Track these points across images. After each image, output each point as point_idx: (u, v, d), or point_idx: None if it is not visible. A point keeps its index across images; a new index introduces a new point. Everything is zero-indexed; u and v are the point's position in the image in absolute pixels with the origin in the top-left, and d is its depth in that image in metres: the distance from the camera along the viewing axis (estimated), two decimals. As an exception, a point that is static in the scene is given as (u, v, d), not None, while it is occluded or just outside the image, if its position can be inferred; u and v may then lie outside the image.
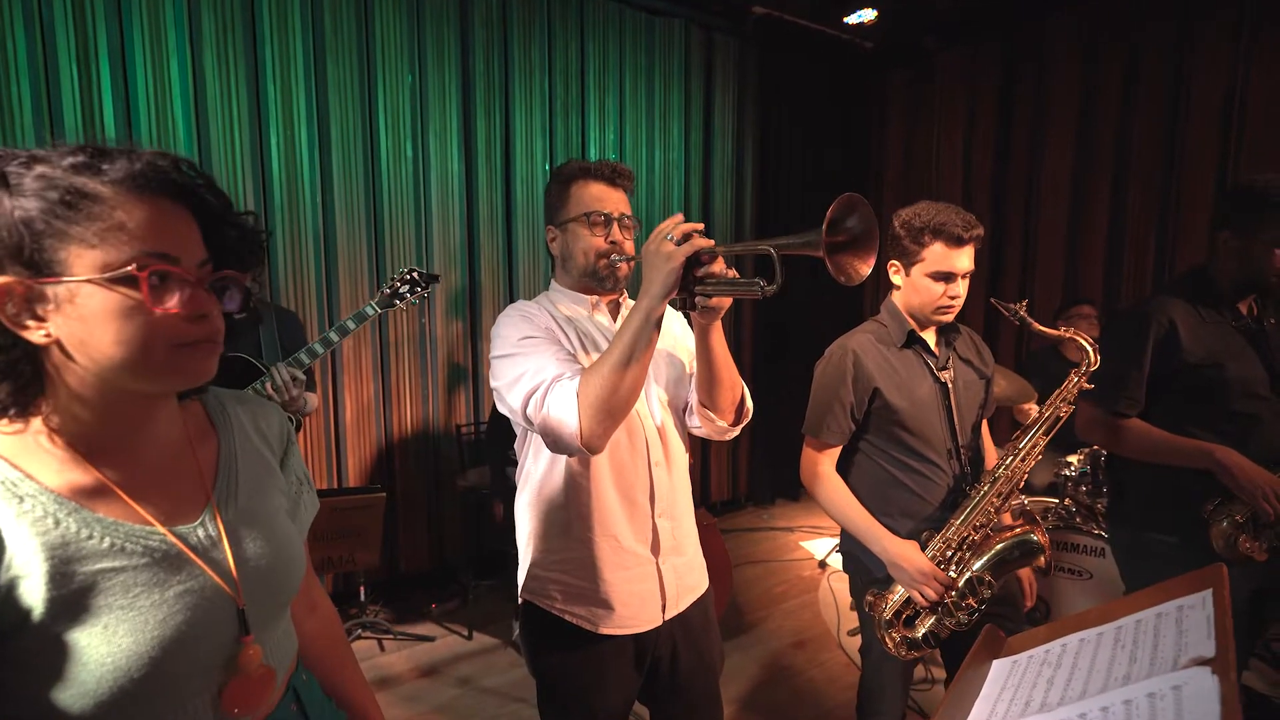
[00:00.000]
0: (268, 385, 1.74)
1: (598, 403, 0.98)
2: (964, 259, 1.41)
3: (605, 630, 1.20)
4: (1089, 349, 1.45)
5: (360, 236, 2.96)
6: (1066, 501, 2.59)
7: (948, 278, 1.41)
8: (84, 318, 0.57)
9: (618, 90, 3.65)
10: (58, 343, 0.57)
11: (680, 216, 1.00)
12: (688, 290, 1.00)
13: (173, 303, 0.59)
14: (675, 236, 0.97)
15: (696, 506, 1.35)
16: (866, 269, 0.88)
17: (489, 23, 3.19)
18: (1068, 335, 1.50)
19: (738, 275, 0.99)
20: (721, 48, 4.03)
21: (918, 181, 4.51)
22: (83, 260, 0.56)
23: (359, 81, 2.89)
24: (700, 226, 0.99)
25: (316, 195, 2.84)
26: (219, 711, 0.64)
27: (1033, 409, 2.81)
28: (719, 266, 0.99)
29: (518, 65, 3.29)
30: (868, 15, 3.89)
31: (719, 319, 1.10)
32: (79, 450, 0.61)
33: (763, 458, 4.49)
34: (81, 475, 0.61)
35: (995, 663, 0.87)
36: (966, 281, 1.44)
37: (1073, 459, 2.67)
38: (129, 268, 0.56)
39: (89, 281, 0.56)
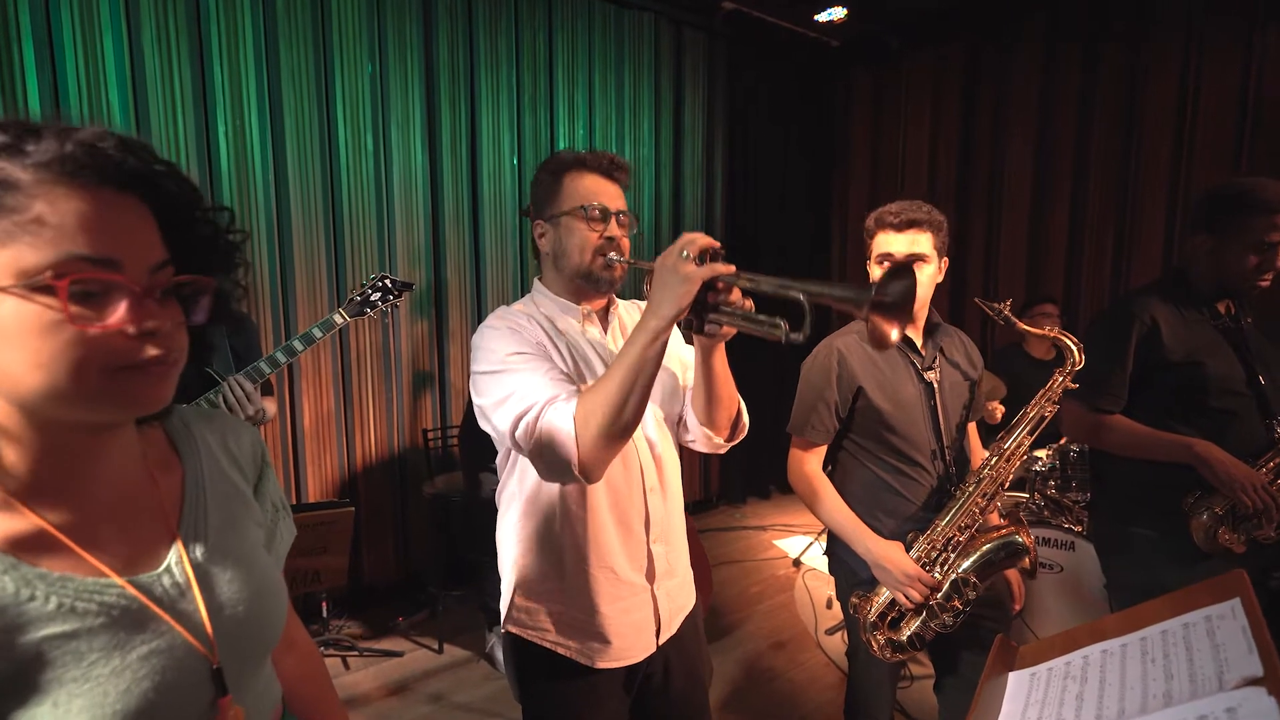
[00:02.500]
0: (220, 398, 1.60)
1: (598, 429, 0.89)
2: (898, 243, 1.41)
3: (600, 664, 1.14)
4: (1074, 348, 1.45)
5: (318, 234, 2.81)
6: (1035, 496, 2.64)
7: (888, 259, 1.43)
8: None
9: (587, 84, 3.57)
10: None
11: (701, 235, 0.91)
12: (699, 315, 0.93)
13: (113, 317, 0.48)
14: (692, 254, 0.88)
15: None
16: (897, 336, 0.83)
17: (453, 11, 3.07)
18: (1052, 334, 1.50)
19: (753, 307, 0.92)
20: (691, 42, 3.99)
21: (884, 179, 4.56)
22: None
23: (315, 69, 2.73)
24: (718, 245, 0.90)
25: (270, 189, 2.68)
26: None
27: (998, 406, 2.86)
28: (735, 295, 0.92)
29: (483, 56, 3.17)
30: (838, 14, 3.91)
31: (724, 342, 1.03)
32: (11, 492, 0.51)
33: (734, 456, 4.47)
34: (17, 522, 0.51)
35: (1012, 675, 0.84)
36: (924, 269, 1.41)
37: (1041, 454, 2.73)
38: (44, 275, 0.46)
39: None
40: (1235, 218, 1.45)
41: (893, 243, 1.43)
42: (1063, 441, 2.65)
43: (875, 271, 1.46)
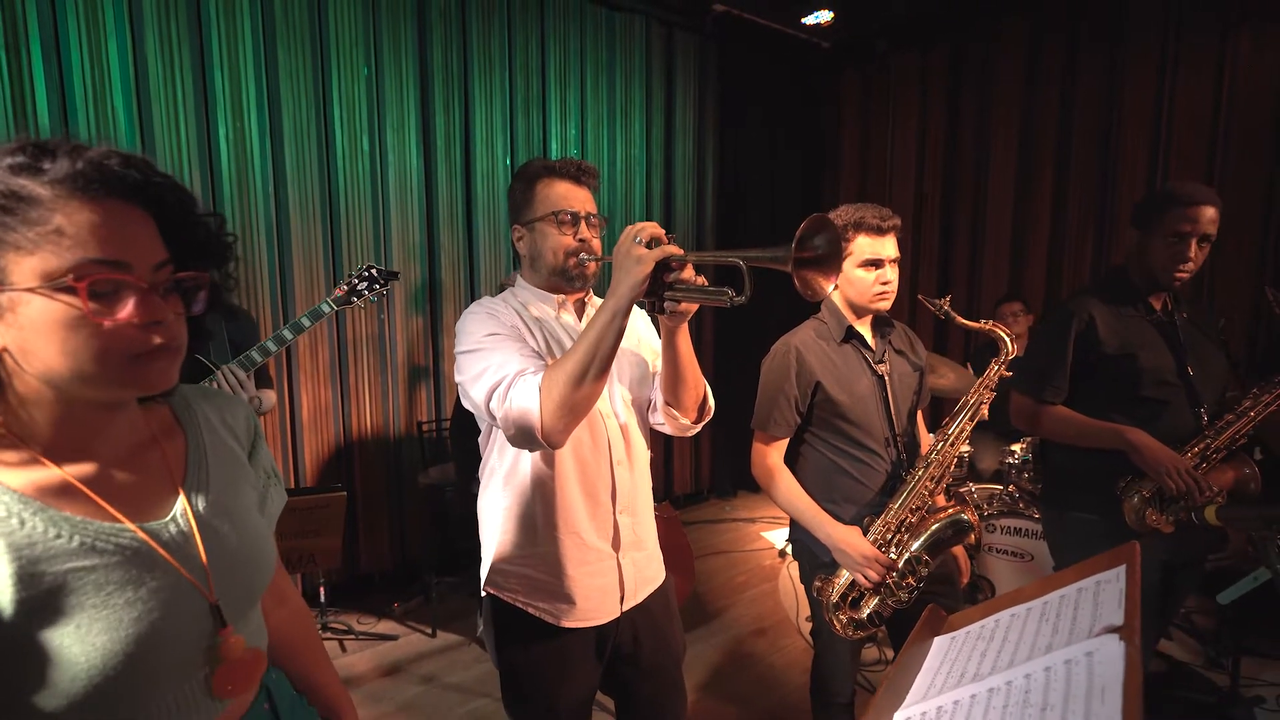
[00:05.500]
0: (213, 386, 1.69)
1: (560, 398, 0.99)
2: (887, 246, 1.52)
3: (567, 623, 1.23)
4: (1006, 339, 1.55)
5: (316, 233, 2.90)
6: (1010, 488, 2.72)
7: (876, 264, 1.52)
8: (26, 327, 0.55)
9: (579, 85, 3.64)
10: (6, 350, 0.56)
11: (651, 224, 1.02)
12: (657, 294, 1.02)
13: (124, 312, 0.57)
14: (644, 239, 0.99)
15: (660, 500, 1.39)
16: (830, 285, 0.93)
17: (447, 15, 3.15)
18: (986, 327, 1.60)
19: (706, 282, 1.02)
20: (681, 44, 4.06)
21: (873, 179, 4.63)
22: (20, 268, 0.54)
23: (312, 73, 2.82)
24: (663, 232, 1.01)
25: (269, 189, 2.77)
26: (212, 696, 0.65)
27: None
28: (688, 273, 1.01)
29: (477, 59, 3.26)
30: (825, 16, 3.97)
31: (685, 322, 1.13)
32: (39, 451, 0.60)
33: (724, 451, 4.57)
34: (45, 474, 0.59)
35: (936, 639, 0.93)
36: (895, 269, 1.54)
37: (1016, 447, 2.81)
38: (66, 277, 0.54)
39: (28, 291, 0.54)
40: (1155, 213, 1.56)
41: (882, 247, 1.52)
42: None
43: (858, 273, 1.53)
